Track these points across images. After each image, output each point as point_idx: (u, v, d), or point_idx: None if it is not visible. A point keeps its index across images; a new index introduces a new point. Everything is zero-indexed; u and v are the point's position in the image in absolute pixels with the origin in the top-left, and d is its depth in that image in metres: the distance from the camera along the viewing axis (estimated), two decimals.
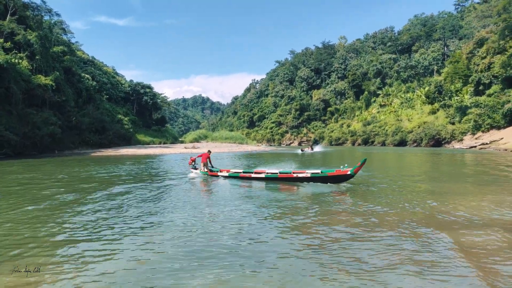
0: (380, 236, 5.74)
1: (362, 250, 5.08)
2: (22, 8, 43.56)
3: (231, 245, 5.35)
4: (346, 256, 4.86)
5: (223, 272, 4.38)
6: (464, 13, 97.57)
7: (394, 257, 4.81)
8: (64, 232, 6.19)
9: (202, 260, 4.78)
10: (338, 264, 4.62)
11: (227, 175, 13.84)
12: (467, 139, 49.60)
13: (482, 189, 10.51)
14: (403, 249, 5.13)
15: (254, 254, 4.98)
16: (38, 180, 13.77)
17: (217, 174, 14.15)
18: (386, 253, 4.97)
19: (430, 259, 4.75)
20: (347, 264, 4.61)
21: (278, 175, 12.53)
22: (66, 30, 78.79)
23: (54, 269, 4.64)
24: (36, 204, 8.66)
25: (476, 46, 58.49)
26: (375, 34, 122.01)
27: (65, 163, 24.30)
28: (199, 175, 14.60)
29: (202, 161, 14.72)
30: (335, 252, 5.04)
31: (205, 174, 14.42)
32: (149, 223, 6.74)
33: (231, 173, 13.82)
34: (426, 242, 5.43)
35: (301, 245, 5.35)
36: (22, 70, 37.59)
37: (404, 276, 4.24)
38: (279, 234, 5.93)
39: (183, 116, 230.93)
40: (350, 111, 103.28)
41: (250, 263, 4.68)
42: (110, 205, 8.59)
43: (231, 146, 62.75)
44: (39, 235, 6.04)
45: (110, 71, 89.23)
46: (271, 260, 4.77)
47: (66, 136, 43.03)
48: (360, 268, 4.48)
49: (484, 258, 4.82)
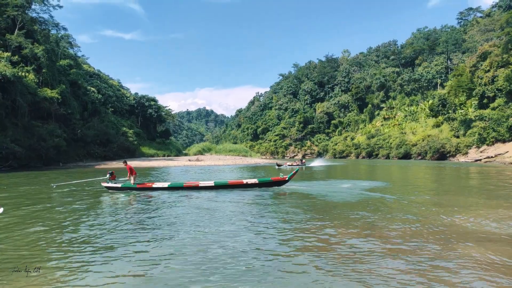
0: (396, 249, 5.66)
1: (375, 262, 5.01)
2: (29, 23, 44.31)
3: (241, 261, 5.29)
4: (357, 273, 4.80)
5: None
6: (467, 27, 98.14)
7: (409, 276, 4.73)
8: (63, 241, 6.15)
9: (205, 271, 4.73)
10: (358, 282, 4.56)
11: (166, 187, 13.95)
12: (472, 153, 49.27)
13: (500, 204, 10.39)
14: (425, 268, 5.05)
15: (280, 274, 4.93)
16: (43, 191, 13.79)
17: (152, 186, 14.03)
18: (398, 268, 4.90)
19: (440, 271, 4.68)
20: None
21: (228, 183, 14.04)
22: (72, 43, 79.97)
23: (54, 271, 4.64)
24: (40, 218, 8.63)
25: (480, 59, 58.60)
26: (378, 47, 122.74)
27: (71, 175, 24.34)
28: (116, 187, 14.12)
29: (134, 173, 14.60)
30: (347, 268, 4.97)
31: (130, 187, 14.08)
32: (148, 234, 6.70)
33: (172, 184, 14.15)
34: (440, 256, 5.36)
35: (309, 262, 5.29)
36: (28, 83, 38.05)
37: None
38: (282, 244, 5.87)
39: (187, 129, 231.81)
40: (354, 124, 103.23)
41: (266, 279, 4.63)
42: (111, 216, 8.55)
43: (234, 158, 62.72)
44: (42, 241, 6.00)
45: (116, 84, 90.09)
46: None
47: (71, 149, 43.25)
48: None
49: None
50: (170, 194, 13.15)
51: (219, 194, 12.76)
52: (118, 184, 14.24)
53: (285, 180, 14.09)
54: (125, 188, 14.03)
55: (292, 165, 37.15)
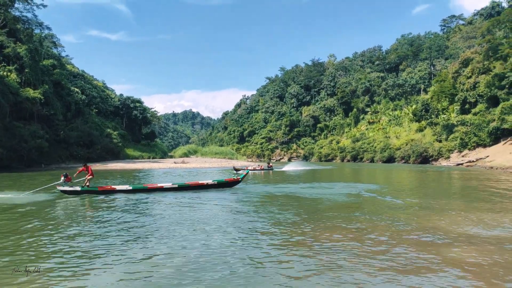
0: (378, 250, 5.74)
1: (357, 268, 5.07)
2: (12, 21, 43.41)
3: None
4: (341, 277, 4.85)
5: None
6: (450, 34, 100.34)
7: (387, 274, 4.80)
8: (55, 243, 6.05)
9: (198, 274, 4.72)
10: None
11: (130, 189, 13.92)
12: (454, 157, 50.29)
13: (480, 206, 10.63)
14: (407, 271, 5.13)
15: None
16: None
17: (115, 189, 13.81)
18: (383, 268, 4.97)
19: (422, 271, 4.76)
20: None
21: (190, 184, 14.97)
22: (56, 43, 78.66)
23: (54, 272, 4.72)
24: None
25: (462, 66, 59.91)
26: (364, 53, 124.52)
27: (55, 176, 23.86)
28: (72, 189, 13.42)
29: (91, 175, 13.88)
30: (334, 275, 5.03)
31: (90, 190, 13.60)
32: (141, 235, 6.64)
33: (136, 187, 14.36)
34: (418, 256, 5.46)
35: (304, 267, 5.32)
36: (10, 83, 37.22)
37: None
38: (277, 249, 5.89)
39: (173, 131, 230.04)
40: (340, 127, 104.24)
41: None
42: (103, 217, 8.44)
43: (220, 161, 62.50)
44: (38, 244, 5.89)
45: (100, 85, 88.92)
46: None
47: (54, 150, 42.41)
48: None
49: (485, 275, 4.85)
50: (134, 196, 12.99)
51: (195, 195, 13.18)
52: (77, 187, 13.49)
53: (238, 181, 15.92)
54: (85, 191, 13.43)
55: (255, 169, 34.01)
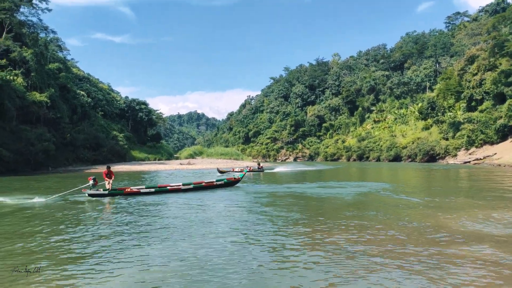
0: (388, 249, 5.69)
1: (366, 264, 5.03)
2: (18, 26, 43.76)
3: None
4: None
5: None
6: (455, 31, 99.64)
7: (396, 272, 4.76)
8: (62, 244, 6.07)
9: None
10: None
11: (153, 191, 14.16)
12: (461, 155, 49.91)
13: (488, 205, 10.53)
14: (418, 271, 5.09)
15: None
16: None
17: (139, 191, 13.92)
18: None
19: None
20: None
21: (203, 184, 15.91)
22: (62, 47, 79.06)
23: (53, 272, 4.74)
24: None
25: (467, 63, 59.44)
26: (368, 51, 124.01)
27: (64, 179, 24.06)
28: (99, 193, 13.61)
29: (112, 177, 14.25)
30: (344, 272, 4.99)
31: (116, 193, 13.84)
32: (147, 236, 6.65)
33: (158, 189, 14.61)
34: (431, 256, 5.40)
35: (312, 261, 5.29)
36: (17, 87, 37.52)
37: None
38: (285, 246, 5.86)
39: (178, 132, 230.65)
40: (345, 126, 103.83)
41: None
42: (108, 220, 8.46)
43: (226, 162, 62.56)
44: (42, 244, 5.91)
45: (106, 88, 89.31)
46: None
47: (60, 153, 42.67)
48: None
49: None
50: (157, 197, 13.22)
51: (201, 196, 13.51)
52: (103, 190, 13.75)
53: (239, 180, 17.14)
54: (111, 194, 13.69)
55: (242, 171, 33.26)
